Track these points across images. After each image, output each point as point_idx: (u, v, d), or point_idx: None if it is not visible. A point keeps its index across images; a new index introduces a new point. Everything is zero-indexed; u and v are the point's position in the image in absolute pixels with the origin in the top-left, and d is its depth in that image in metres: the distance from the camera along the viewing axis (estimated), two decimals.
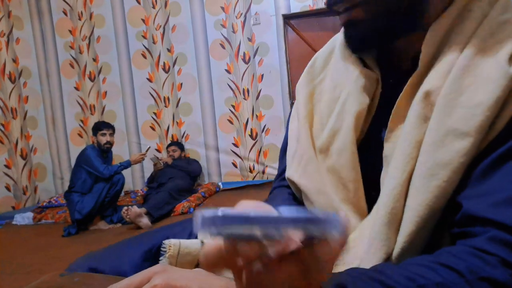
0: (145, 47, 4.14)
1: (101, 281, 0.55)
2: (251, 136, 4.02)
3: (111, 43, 4.19)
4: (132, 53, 4.17)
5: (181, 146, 4.05)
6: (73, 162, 3.30)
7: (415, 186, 0.44)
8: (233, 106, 4.02)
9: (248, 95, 3.99)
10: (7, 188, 3.83)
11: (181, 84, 4.13)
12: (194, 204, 3.35)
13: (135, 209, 2.89)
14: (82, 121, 4.36)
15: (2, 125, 3.83)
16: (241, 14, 3.92)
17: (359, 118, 0.54)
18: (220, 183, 4.04)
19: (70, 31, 4.26)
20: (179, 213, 3.20)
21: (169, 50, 4.10)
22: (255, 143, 4.02)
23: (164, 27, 4.09)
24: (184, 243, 0.58)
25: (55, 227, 3.25)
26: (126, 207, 2.95)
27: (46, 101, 4.32)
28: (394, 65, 0.57)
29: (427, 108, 0.46)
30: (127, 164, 3.19)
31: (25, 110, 4.12)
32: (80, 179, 3.11)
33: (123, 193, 3.74)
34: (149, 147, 3.56)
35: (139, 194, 3.90)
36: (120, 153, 4.13)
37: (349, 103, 0.56)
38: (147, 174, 4.08)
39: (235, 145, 4.05)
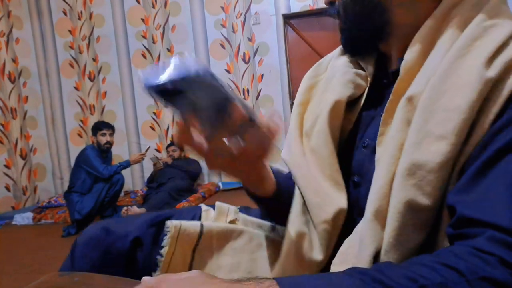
0: (145, 47, 4.14)
1: (101, 281, 0.55)
2: None
3: (111, 43, 4.19)
4: (132, 53, 4.17)
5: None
6: (73, 162, 3.29)
7: (395, 184, 0.46)
8: None
9: (248, 95, 3.98)
10: (7, 188, 3.82)
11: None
12: (194, 204, 3.35)
13: (135, 209, 2.89)
14: (82, 121, 4.36)
15: (2, 125, 3.83)
16: (241, 14, 3.92)
17: (337, 107, 0.60)
18: (220, 183, 4.04)
19: (70, 31, 4.26)
20: None
21: (169, 50, 4.09)
22: None
23: (164, 27, 4.08)
24: (184, 225, 0.64)
25: (55, 227, 3.25)
26: (126, 207, 2.95)
27: (46, 101, 4.32)
28: (387, 67, 0.61)
29: (410, 113, 0.48)
30: (127, 164, 3.19)
31: (25, 110, 4.12)
32: (80, 179, 3.11)
33: (123, 193, 3.74)
34: (149, 147, 3.56)
35: (139, 194, 3.90)
36: (120, 153, 4.12)
37: (330, 92, 0.62)
38: (147, 174, 4.08)
39: None
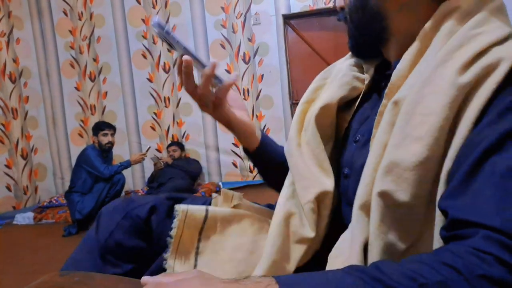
0: (145, 47, 4.14)
1: (101, 281, 0.55)
2: None
3: (111, 43, 4.19)
4: (132, 53, 4.17)
5: (182, 146, 4.05)
6: (74, 162, 3.30)
7: (376, 180, 0.51)
8: None
9: (248, 95, 3.99)
10: (8, 188, 3.83)
11: (182, 84, 4.12)
12: None
13: None
14: (83, 121, 4.36)
15: (3, 125, 3.83)
16: (241, 14, 3.92)
17: (328, 105, 0.67)
18: (220, 183, 4.04)
19: (70, 31, 4.26)
20: None
21: (170, 50, 4.10)
22: None
23: None
24: (191, 209, 0.68)
25: (56, 227, 3.25)
26: None
27: (47, 101, 4.32)
28: (386, 71, 0.66)
29: (395, 116, 0.52)
30: (127, 164, 3.19)
31: (26, 110, 4.13)
32: (81, 179, 3.11)
33: (124, 193, 3.74)
34: (149, 147, 3.56)
35: (140, 194, 3.91)
36: (121, 153, 4.13)
37: (325, 92, 0.70)
38: (148, 174, 4.09)
39: (235, 145, 4.05)
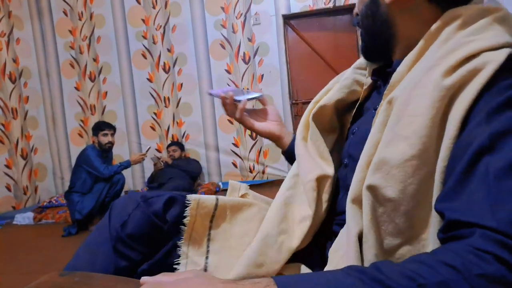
0: (145, 47, 4.14)
1: (101, 281, 0.55)
2: (251, 136, 4.02)
3: (111, 43, 4.20)
4: (132, 53, 4.17)
5: (181, 146, 4.05)
6: (74, 162, 3.30)
7: (368, 176, 0.53)
8: None
9: None
10: (8, 188, 3.83)
11: (181, 84, 4.13)
12: None
13: None
14: (83, 121, 4.36)
15: (3, 125, 3.83)
16: (241, 14, 3.92)
17: (325, 105, 0.75)
18: (220, 183, 4.04)
19: (70, 31, 4.27)
20: None
21: (169, 50, 4.10)
22: (255, 143, 4.02)
23: (164, 27, 4.09)
24: (203, 198, 0.73)
25: (56, 227, 3.25)
26: None
27: (47, 101, 4.32)
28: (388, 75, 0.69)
29: (388, 117, 0.54)
30: (127, 164, 3.19)
31: (26, 110, 4.13)
32: (80, 179, 3.11)
33: (123, 193, 3.74)
34: (149, 147, 3.56)
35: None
36: (120, 153, 4.13)
37: (328, 94, 0.77)
38: (147, 174, 4.09)
39: (235, 145, 4.05)
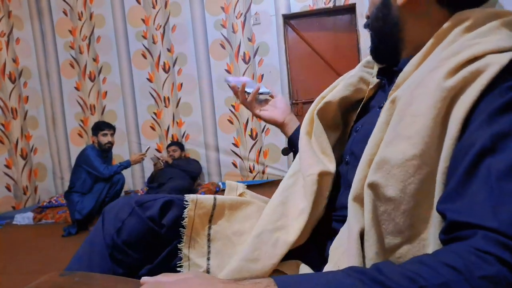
0: (145, 47, 4.14)
1: (101, 281, 0.55)
2: (251, 136, 4.02)
3: (111, 43, 4.19)
4: (132, 53, 4.17)
5: (181, 146, 4.05)
6: (73, 162, 3.30)
7: (369, 175, 0.53)
8: (233, 106, 4.02)
9: None
10: (7, 188, 3.82)
11: (181, 84, 4.13)
12: None
13: None
14: (82, 121, 4.36)
15: (2, 125, 3.83)
16: (241, 14, 3.92)
17: (330, 102, 0.75)
18: (220, 183, 4.04)
19: (70, 31, 4.26)
20: None
21: (169, 50, 4.10)
22: (255, 143, 4.02)
23: (164, 27, 4.09)
24: (200, 198, 0.73)
25: (55, 227, 3.25)
26: None
27: (46, 101, 4.32)
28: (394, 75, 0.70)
29: (391, 116, 0.55)
30: (127, 164, 3.19)
31: (25, 110, 4.12)
32: (80, 179, 3.11)
33: (123, 193, 3.74)
34: (149, 147, 3.56)
35: (139, 194, 3.90)
36: (120, 153, 4.13)
37: (333, 91, 0.78)
38: (147, 174, 4.08)
39: (235, 145, 4.05)
